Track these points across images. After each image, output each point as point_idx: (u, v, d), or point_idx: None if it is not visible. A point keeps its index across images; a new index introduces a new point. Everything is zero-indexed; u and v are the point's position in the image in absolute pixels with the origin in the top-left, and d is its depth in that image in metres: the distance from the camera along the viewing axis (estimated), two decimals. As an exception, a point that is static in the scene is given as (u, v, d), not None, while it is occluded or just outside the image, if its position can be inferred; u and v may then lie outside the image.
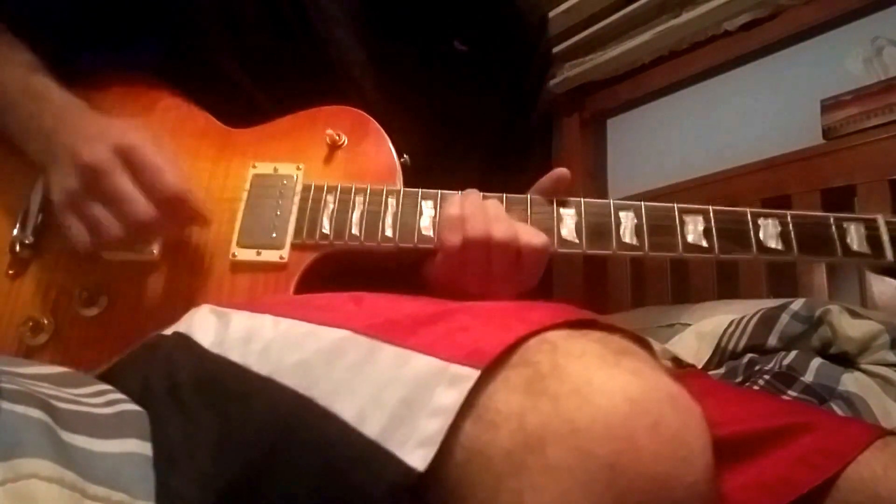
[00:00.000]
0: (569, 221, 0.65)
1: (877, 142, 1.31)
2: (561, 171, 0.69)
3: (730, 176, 1.53)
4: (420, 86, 0.80)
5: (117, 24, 0.76)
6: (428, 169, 0.73)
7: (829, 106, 1.42)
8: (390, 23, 0.79)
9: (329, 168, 0.70)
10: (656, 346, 0.43)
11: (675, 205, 0.66)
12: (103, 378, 0.52)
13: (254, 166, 0.70)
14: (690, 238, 0.65)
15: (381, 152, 0.71)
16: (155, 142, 0.62)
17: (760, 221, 0.65)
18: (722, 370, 1.06)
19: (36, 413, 0.39)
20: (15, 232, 0.67)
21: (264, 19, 0.74)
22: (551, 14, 1.76)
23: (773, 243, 0.65)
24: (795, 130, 1.48)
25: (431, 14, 0.81)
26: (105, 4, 0.74)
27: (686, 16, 1.62)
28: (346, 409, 0.38)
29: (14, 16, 0.71)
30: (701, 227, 0.65)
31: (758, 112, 1.60)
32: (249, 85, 0.75)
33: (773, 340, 1.03)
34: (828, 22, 1.49)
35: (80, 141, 0.61)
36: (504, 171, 0.79)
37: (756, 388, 0.95)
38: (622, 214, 0.65)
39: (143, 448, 0.42)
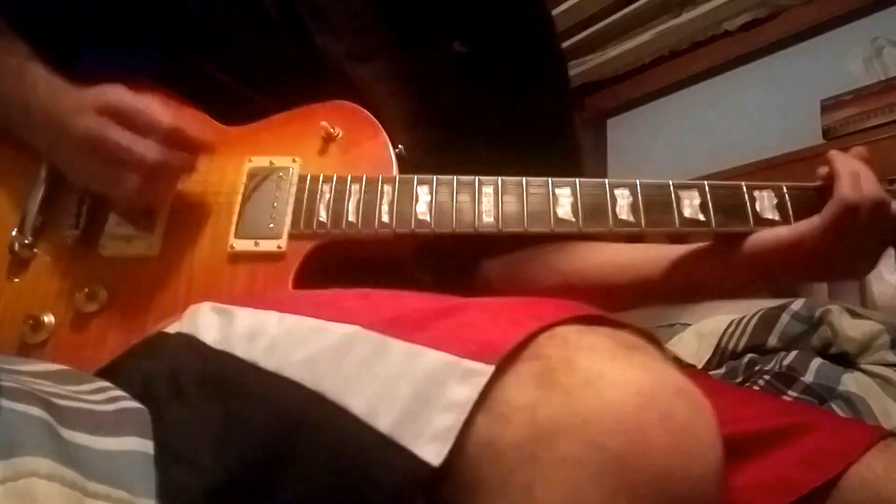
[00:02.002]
0: (564, 202, 0.65)
1: (877, 142, 1.31)
2: None
3: (730, 176, 1.53)
4: (420, 86, 0.80)
5: (112, 30, 0.76)
6: (424, 162, 0.73)
7: (829, 106, 1.42)
8: (389, 24, 0.79)
9: (324, 160, 0.70)
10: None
11: (670, 181, 0.66)
12: (103, 375, 0.52)
13: (250, 160, 0.70)
14: (687, 213, 0.64)
15: (377, 143, 0.71)
16: (134, 90, 0.62)
17: (756, 193, 0.65)
18: (722, 370, 1.06)
19: (36, 411, 0.39)
20: (14, 233, 0.67)
21: (255, 23, 0.74)
22: (551, 14, 1.76)
23: (771, 214, 0.65)
24: (795, 130, 1.48)
25: (430, 16, 0.80)
26: (99, 12, 0.74)
27: (686, 16, 1.62)
28: (357, 403, 0.38)
29: (8, 16, 0.71)
30: (697, 202, 0.65)
31: (758, 112, 1.60)
32: (245, 88, 0.75)
33: (773, 340, 1.03)
34: (828, 22, 1.49)
35: (66, 119, 0.61)
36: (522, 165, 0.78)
37: (756, 388, 0.95)
38: (617, 192, 0.65)
39: (144, 445, 0.42)
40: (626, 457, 0.32)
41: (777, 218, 0.64)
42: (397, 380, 0.38)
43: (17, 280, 0.66)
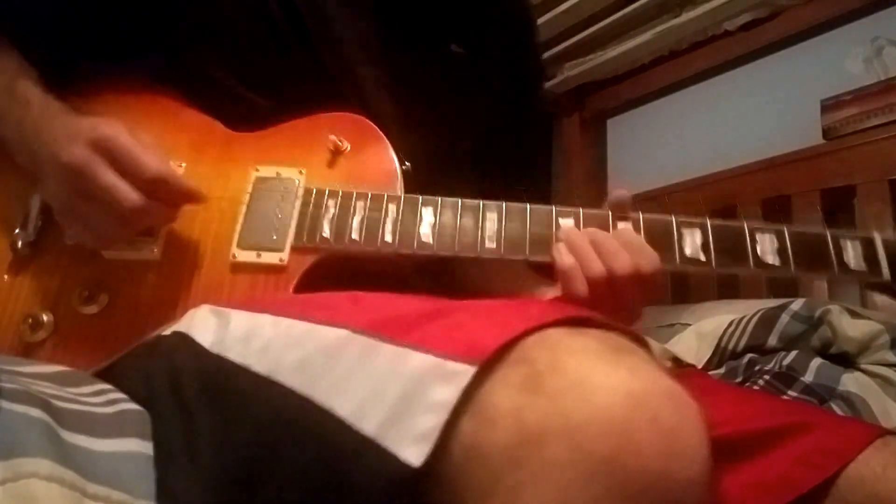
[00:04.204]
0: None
1: (877, 142, 1.31)
2: (620, 194, 0.67)
3: (730, 176, 1.53)
4: (420, 89, 0.80)
5: (117, 32, 0.76)
6: (429, 176, 0.73)
7: (829, 106, 1.42)
8: (390, 28, 0.79)
9: (331, 173, 0.70)
10: (655, 345, 0.43)
11: (673, 217, 0.66)
12: (101, 376, 0.52)
13: (256, 169, 0.70)
14: (688, 251, 0.65)
15: (383, 159, 0.71)
16: (129, 130, 0.61)
17: (758, 236, 0.65)
18: (722, 370, 1.06)
19: (36, 412, 0.39)
20: (16, 231, 0.67)
21: (259, 30, 0.74)
22: (551, 14, 1.76)
23: (771, 259, 0.65)
24: (795, 130, 1.48)
25: (427, 18, 0.81)
26: (105, 15, 0.74)
27: (686, 16, 1.62)
28: (344, 406, 0.38)
29: (7, 21, 0.71)
30: (699, 241, 0.65)
31: (758, 112, 1.60)
32: (249, 93, 0.75)
33: (773, 340, 1.03)
34: (828, 22, 1.49)
35: (56, 144, 0.61)
36: (503, 173, 0.78)
37: (756, 388, 0.95)
38: (621, 225, 0.65)
39: (144, 447, 0.42)
40: (614, 460, 0.32)
41: (777, 263, 0.65)
42: (384, 382, 0.38)
43: (17, 278, 0.66)
